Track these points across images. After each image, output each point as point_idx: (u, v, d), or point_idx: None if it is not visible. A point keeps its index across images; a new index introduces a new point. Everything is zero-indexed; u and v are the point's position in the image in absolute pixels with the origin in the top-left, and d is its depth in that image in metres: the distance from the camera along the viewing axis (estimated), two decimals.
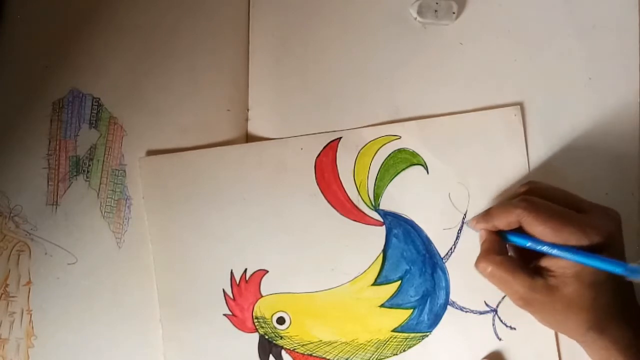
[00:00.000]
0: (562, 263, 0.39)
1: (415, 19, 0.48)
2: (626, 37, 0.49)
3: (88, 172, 0.47)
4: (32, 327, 0.46)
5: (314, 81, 0.48)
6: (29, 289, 0.47)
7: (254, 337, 0.46)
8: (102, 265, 0.47)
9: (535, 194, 0.42)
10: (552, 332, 0.46)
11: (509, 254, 0.43)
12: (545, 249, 0.40)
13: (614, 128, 0.48)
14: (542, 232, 0.40)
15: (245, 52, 0.49)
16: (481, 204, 0.47)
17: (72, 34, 0.48)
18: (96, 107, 0.48)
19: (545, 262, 0.41)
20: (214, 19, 0.49)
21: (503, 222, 0.42)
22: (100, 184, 0.47)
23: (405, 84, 0.48)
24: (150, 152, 0.48)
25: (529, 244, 0.41)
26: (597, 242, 0.39)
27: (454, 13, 0.48)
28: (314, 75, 0.48)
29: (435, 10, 0.48)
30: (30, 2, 0.48)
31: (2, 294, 0.46)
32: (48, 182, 0.47)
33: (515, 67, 0.48)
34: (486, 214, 0.43)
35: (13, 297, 0.46)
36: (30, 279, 0.47)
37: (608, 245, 0.39)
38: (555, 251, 0.39)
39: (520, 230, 0.42)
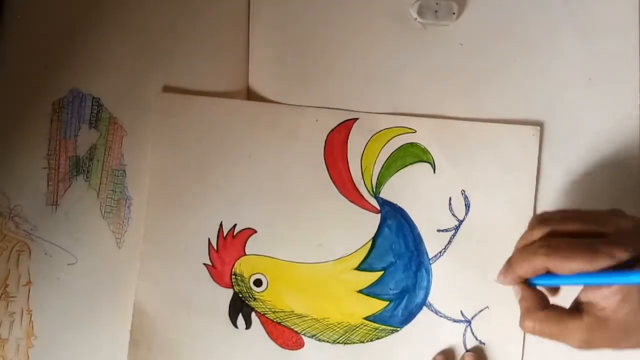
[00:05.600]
0: (604, 293, 0.37)
1: (415, 19, 0.48)
2: (626, 37, 0.49)
3: (88, 172, 0.47)
4: (32, 327, 0.46)
5: (313, 83, 0.48)
6: (29, 289, 0.47)
7: (228, 293, 0.46)
8: (102, 265, 0.47)
9: (551, 232, 0.40)
10: (519, 355, 0.46)
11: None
12: (579, 281, 0.38)
13: (614, 128, 0.48)
14: (571, 270, 0.37)
15: (245, 52, 0.49)
16: (479, 217, 0.47)
17: (72, 34, 0.48)
18: (96, 107, 0.48)
19: (585, 297, 0.38)
20: (214, 19, 0.49)
21: (528, 271, 0.39)
22: (100, 184, 0.47)
23: (404, 84, 0.48)
24: (167, 89, 0.48)
25: (562, 282, 0.39)
26: (630, 259, 0.37)
27: (454, 13, 0.48)
28: (313, 77, 0.48)
29: (436, 11, 0.48)
30: (30, 2, 0.48)
31: (2, 294, 0.46)
32: (48, 182, 0.47)
33: (515, 68, 0.48)
34: (508, 266, 0.41)
35: (13, 297, 0.46)
36: (30, 279, 0.47)
37: None
38: (589, 280, 0.37)
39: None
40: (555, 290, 0.42)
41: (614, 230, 0.39)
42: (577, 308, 0.39)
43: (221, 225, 0.47)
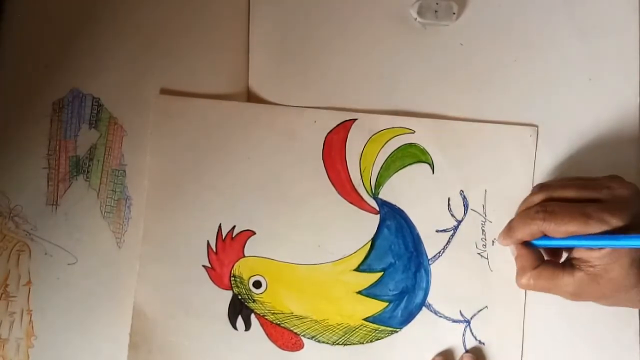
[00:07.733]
0: (596, 254, 0.40)
1: (415, 19, 0.48)
2: (626, 37, 0.49)
3: (88, 172, 0.47)
4: (32, 327, 0.46)
5: (312, 83, 0.48)
6: (29, 289, 0.47)
7: (228, 295, 0.46)
8: (102, 265, 0.47)
9: (549, 197, 0.43)
10: (518, 355, 0.46)
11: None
12: (574, 243, 0.40)
13: (614, 128, 0.48)
14: (565, 233, 0.40)
15: (245, 52, 0.49)
16: (478, 217, 0.47)
17: (72, 34, 0.48)
18: (96, 107, 0.48)
19: (578, 254, 0.41)
20: (214, 20, 0.49)
21: (526, 234, 0.42)
22: (100, 184, 0.47)
23: (403, 85, 0.48)
24: (166, 91, 0.48)
25: (556, 243, 0.41)
26: (622, 225, 0.39)
27: (454, 13, 0.48)
28: (312, 77, 0.48)
29: (436, 11, 0.48)
30: (30, 2, 0.48)
31: (2, 294, 0.46)
32: (48, 182, 0.47)
33: (515, 68, 0.48)
34: (508, 229, 0.44)
35: (13, 297, 0.46)
36: (30, 279, 0.47)
37: (635, 224, 0.39)
38: (583, 242, 0.40)
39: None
40: (557, 254, 0.45)
41: (610, 197, 0.41)
42: (570, 263, 0.42)
43: (220, 226, 0.47)
